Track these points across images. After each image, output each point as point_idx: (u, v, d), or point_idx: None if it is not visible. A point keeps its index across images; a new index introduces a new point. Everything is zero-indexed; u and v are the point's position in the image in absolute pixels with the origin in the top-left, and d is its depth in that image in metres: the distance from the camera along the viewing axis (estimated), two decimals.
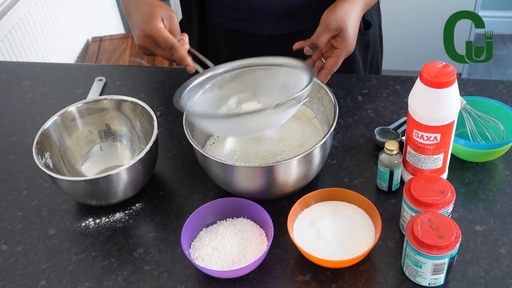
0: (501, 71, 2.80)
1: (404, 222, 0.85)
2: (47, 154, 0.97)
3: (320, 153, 0.90)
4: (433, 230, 0.76)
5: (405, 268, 0.82)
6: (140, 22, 0.95)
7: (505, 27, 2.96)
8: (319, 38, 0.97)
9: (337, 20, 0.96)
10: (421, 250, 0.76)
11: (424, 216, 0.78)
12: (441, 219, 0.78)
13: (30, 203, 1.01)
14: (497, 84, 1.16)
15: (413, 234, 0.77)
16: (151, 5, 0.96)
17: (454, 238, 0.76)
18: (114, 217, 0.96)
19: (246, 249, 0.85)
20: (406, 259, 0.80)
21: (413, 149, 0.89)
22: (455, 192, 0.83)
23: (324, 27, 0.97)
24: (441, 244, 0.75)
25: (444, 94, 0.81)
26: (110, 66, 1.41)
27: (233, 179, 0.90)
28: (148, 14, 0.94)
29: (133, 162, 0.90)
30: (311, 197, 0.90)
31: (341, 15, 0.97)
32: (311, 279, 0.84)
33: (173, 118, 1.16)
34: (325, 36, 0.97)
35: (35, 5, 2.10)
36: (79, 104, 1.03)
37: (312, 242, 0.85)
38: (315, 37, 0.97)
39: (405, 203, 0.83)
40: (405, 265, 0.81)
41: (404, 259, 0.81)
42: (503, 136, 0.98)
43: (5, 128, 1.20)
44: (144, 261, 0.89)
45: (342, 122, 1.10)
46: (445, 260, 0.76)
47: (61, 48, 2.28)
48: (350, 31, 0.97)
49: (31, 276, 0.88)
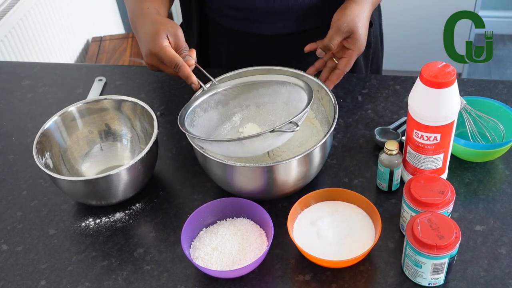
0: (501, 71, 2.80)
1: (404, 222, 0.85)
2: (47, 154, 0.97)
3: (320, 153, 0.90)
4: (433, 230, 0.76)
5: (405, 268, 0.82)
6: (146, 40, 0.95)
7: (505, 27, 2.96)
8: (332, 41, 0.98)
9: (348, 22, 0.98)
10: (421, 250, 0.76)
11: (424, 216, 0.78)
12: (441, 219, 0.78)
13: (30, 203, 1.01)
14: (497, 84, 1.16)
15: (413, 234, 0.77)
16: (156, 23, 0.96)
17: (454, 238, 0.76)
18: (114, 217, 0.96)
19: (246, 249, 0.85)
20: (406, 259, 0.80)
21: (413, 149, 0.89)
22: (455, 192, 0.83)
23: (335, 29, 0.98)
24: (441, 244, 0.75)
25: (444, 94, 0.81)
26: (110, 66, 1.40)
27: (233, 179, 0.90)
28: (153, 33, 0.94)
29: (133, 162, 0.90)
30: (311, 197, 0.90)
31: (351, 17, 0.98)
32: (311, 279, 0.84)
33: (173, 118, 1.16)
34: (337, 38, 0.98)
35: (35, 5, 2.10)
36: (79, 104, 1.03)
37: (312, 242, 0.85)
38: (328, 40, 0.99)
39: (405, 203, 0.83)
40: (405, 265, 0.81)
41: (404, 259, 0.81)
42: (503, 136, 0.98)
43: (5, 128, 1.20)
44: (144, 261, 0.89)
45: (342, 122, 1.10)
46: (445, 260, 0.76)
47: (61, 48, 2.28)
48: (361, 32, 0.99)
49: (31, 276, 0.88)
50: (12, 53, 1.96)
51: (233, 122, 1.02)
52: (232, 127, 1.01)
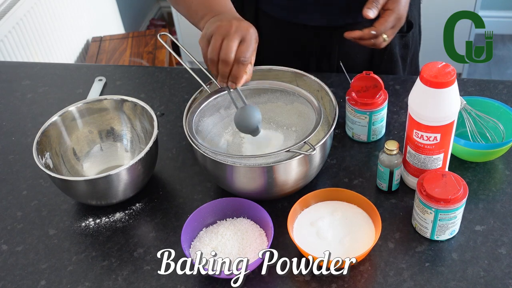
0: (501, 71, 2.80)
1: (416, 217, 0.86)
2: (47, 154, 0.97)
3: (320, 153, 0.90)
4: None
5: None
6: (234, 18, 0.87)
7: (505, 27, 2.96)
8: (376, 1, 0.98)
9: None
10: None
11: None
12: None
13: (30, 203, 1.01)
14: (497, 84, 1.16)
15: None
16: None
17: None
18: (114, 217, 0.96)
19: (246, 249, 0.85)
20: None
21: (413, 149, 0.89)
22: None
23: None
24: None
25: (444, 94, 0.81)
26: (110, 66, 1.41)
27: (233, 179, 0.90)
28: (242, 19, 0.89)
29: (133, 162, 0.90)
30: (311, 197, 0.90)
31: None
32: (311, 279, 0.84)
33: (173, 118, 1.16)
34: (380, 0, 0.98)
35: (35, 5, 2.10)
36: (79, 104, 1.03)
37: (312, 242, 0.85)
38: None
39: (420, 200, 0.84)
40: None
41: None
42: (503, 136, 0.98)
43: (5, 128, 1.20)
44: (144, 261, 0.89)
45: (342, 122, 1.10)
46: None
47: (61, 48, 2.28)
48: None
49: (31, 276, 0.88)
50: (12, 53, 1.96)
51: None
52: (234, 131, 0.99)
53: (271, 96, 0.99)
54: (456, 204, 0.82)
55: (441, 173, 0.84)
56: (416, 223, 0.87)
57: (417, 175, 0.91)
